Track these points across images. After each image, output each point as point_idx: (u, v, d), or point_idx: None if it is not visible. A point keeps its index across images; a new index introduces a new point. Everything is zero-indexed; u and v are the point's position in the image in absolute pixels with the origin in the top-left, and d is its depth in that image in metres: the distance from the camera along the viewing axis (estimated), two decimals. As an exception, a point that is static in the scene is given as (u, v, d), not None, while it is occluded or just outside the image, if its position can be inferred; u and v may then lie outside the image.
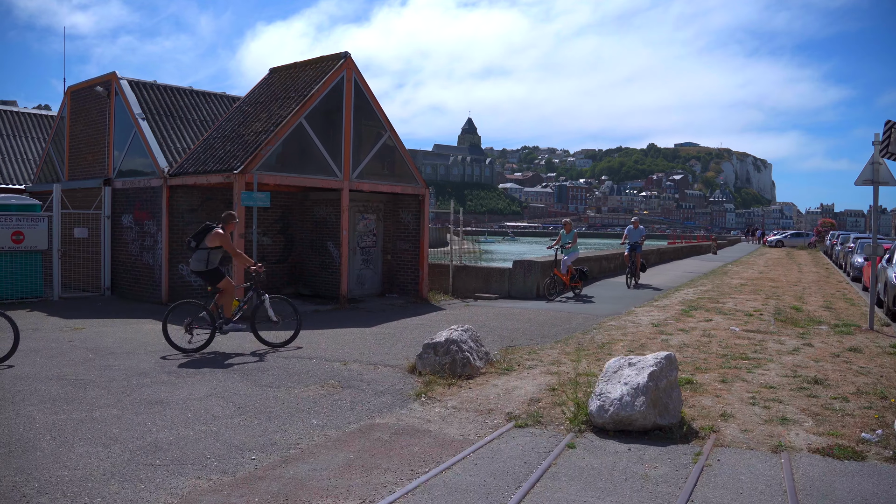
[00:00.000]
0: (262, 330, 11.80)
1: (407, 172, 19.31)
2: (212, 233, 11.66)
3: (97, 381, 9.22)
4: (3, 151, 24.79)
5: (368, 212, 19.85)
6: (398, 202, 20.16)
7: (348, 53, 17.69)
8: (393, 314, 16.12)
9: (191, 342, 11.33)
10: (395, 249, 20.04)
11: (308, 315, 15.87)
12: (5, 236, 17.10)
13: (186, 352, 11.13)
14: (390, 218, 20.28)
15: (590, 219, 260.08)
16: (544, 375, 9.45)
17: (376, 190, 18.54)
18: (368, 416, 7.66)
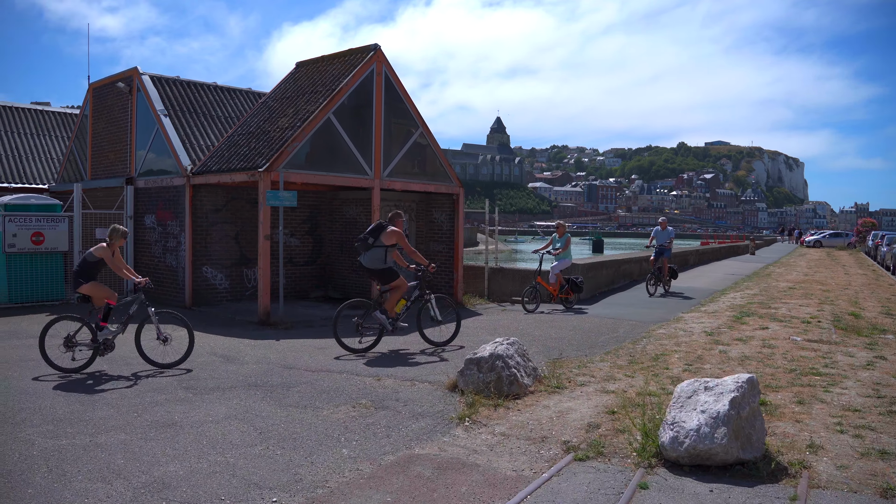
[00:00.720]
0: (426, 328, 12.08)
1: (440, 171, 18.41)
2: (387, 231, 11.74)
3: (107, 397, 8.42)
4: (28, 150, 24.22)
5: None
6: (431, 201, 19.26)
7: (378, 46, 16.83)
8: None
9: (360, 342, 11.48)
10: (428, 251, 19.14)
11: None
12: (25, 237, 16.47)
13: (357, 352, 11.29)
14: (423, 218, 19.39)
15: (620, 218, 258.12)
16: (599, 395, 8.49)
17: (408, 189, 17.65)
18: (406, 444, 6.75)
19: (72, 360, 9.97)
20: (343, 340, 11.36)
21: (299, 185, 16.78)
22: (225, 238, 17.34)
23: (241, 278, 17.67)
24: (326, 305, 17.39)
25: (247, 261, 17.72)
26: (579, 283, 17.49)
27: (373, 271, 11.81)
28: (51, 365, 9.84)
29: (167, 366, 10.19)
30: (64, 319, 10.16)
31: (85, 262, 10.39)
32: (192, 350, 10.42)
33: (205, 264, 16.94)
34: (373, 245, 11.72)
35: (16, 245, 16.39)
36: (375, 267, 11.75)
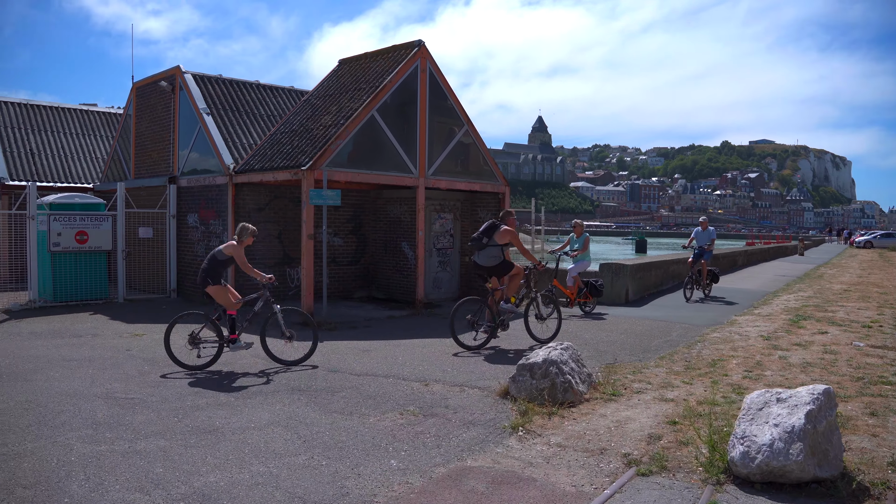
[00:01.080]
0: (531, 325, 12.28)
1: (486, 169, 18.05)
2: (501, 230, 11.79)
3: (148, 400, 8.19)
4: (74, 150, 24.29)
5: (445, 211, 18.64)
6: (476, 200, 18.90)
7: (422, 42, 16.51)
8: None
9: (475, 339, 11.64)
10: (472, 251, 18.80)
11: (382, 321, 14.78)
12: (69, 236, 16.42)
13: (471, 349, 11.37)
14: (468, 217, 19.03)
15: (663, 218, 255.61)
16: (658, 403, 8.07)
17: (453, 188, 17.31)
18: (458, 455, 6.40)
19: (197, 357, 10.10)
20: (459, 338, 11.48)
21: (343, 183, 16.53)
22: (268, 237, 17.14)
23: (283, 278, 17.46)
24: (370, 306, 17.13)
25: (290, 260, 17.51)
26: (599, 286, 16.45)
27: (489, 269, 11.87)
28: (176, 362, 9.93)
29: (292, 363, 10.30)
30: (189, 317, 10.33)
31: (214, 259, 10.36)
32: (316, 347, 10.57)
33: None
34: (487, 244, 11.80)
35: (60, 244, 16.35)
36: (491, 265, 11.82)
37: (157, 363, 10.31)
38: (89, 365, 10.16)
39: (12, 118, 23.77)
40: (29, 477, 5.81)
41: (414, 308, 16.34)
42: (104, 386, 8.88)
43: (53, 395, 8.44)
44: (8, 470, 5.96)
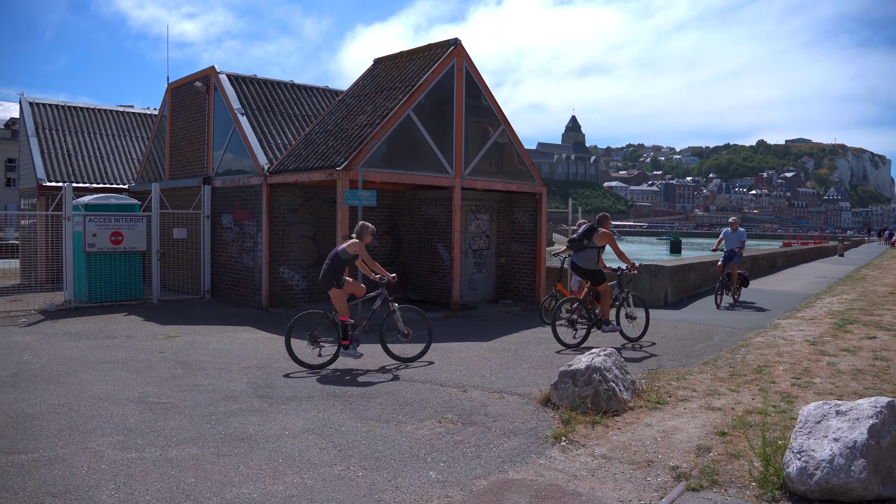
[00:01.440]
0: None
1: (522, 169, 17.76)
2: (599, 232, 12.12)
3: (180, 405, 8.03)
4: (110, 151, 24.37)
5: (481, 211, 18.37)
6: (513, 201, 18.62)
7: (458, 40, 16.27)
8: (510, 324, 14.58)
9: (575, 336, 11.87)
10: (509, 252, 18.52)
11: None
12: (104, 237, 16.41)
13: (571, 346, 11.56)
14: (504, 218, 18.76)
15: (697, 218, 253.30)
16: (705, 412, 7.75)
17: (490, 188, 17.03)
18: (498, 466, 6.14)
19: (318, 356, 10.25)
20: (559, 336, 11.72)
21: (378, 184, 16.35)
22: (302, 238, 17.00)
23: (317, 280, 17.29)
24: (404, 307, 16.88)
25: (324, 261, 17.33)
26: None
27: (587, 271, 12.22)
28: (297, 361, 10.05)
29: (409, 359, 10.60)
30: (309, 316, 10.47)
31: (338, 259, 10.54)
32: (431, 345, 10.95)
33: (282, 265, 16.63)
34: (587, 246, 12.13)
35: (95, 245, 16.33)
36: (590, 267, 12.18)
37: (189, 366, 10.17)
38: (122, 367, 10.04)
39: (50, 120, 23.89)
40: (59, 485, 5.66)
41: (449, 310, 16.10)
42: (137, 389, 8.75)
43: (86, 398, 8.32)
44: (38, 477, 5.82)
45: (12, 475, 5.87)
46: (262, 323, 14.31)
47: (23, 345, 11.81)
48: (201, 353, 11.10)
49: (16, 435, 6.92)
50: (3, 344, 11.88)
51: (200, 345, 11.87)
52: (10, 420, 7.41)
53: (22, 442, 6.71)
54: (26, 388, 8.84)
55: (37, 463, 6.14)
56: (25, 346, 11.72)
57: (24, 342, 12.05)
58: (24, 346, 11.72)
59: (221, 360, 10.65)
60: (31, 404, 8.04)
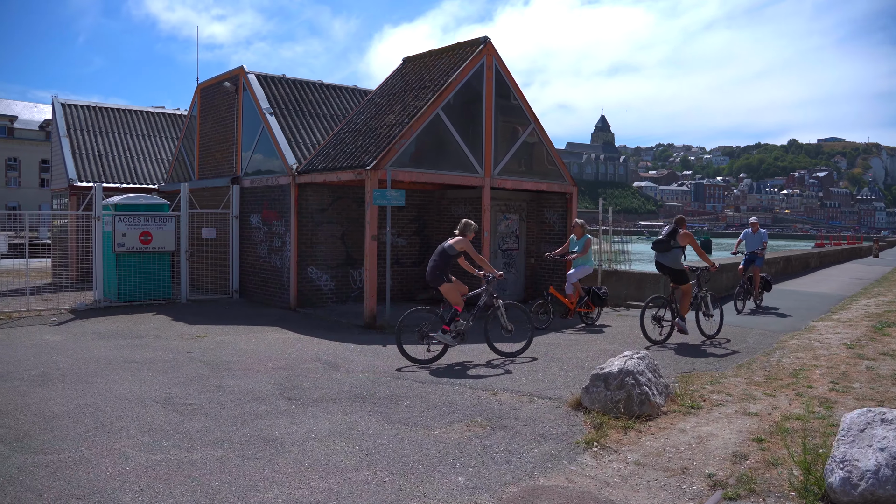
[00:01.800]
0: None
1: (552, 168, 17.56)
2: (681, 233, 12.79)
3: (206, 406, 7.95)
4: (140, 151, 24.48)
5: (510, 211, 18.20)
6: (542, 201, 18.43)
7: (488, 38, 16.12)
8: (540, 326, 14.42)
9: (661, 333, 12.46)
10: (538, 252, 18.32)
11: (444, 325, 14.42)
12: (133, 237, 16.43)
13: (657, 343, 11.99)
14: (533, 218, 18.57)
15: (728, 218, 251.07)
16: (741, 417, 7.54)
17: (519, 188, 16.85)
18: (529, 472, 5.98)
19: (427, 351, 10.63)
20: (647, 332, 12.35)
21: (407, 183, 16.24)
22: (331, 238, 16.93)
23: (346, 279, 17.23)
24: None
25: (353, 261, 17.27)
26: (602, 294, 14.98)
27: (674, 271, 12.80)
28: (407, 357, 10.38)
29: (511, 355, 11.01)
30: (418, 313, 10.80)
31: (446, 255, 10.87)
32: (532, 341, 11.48)
33: (310, 265, 16.57)
34: (672, 247, 12.74)
35: (125, 244, 16.36)
36: (676, 267, 12.78)
37: (216, 367, 10.11)
38: (149, 368, 10.00)
39: (81, 120, 24.03)
40: (83, 486, 5.59)
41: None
42: (163, 390, 8.69)
43: (112, 398, 8.27)
44: (63, 478, 5.76)
45: (38, 476, 5.82)
46: (289, 323, 14.24)
47: (52, 344, 11.83)
48: (228, 354, 11.04)
49: (42, 435, 6.87)
50: (33, 343, 11.91)
51: (228, 345, 11.81)
52: (38, 420, 7.37)
53: (48, 442, 6.66)
54: (54, 387, 8.82)
55: (62, 464, 6.08)
56: (55, 345, 11.74)
57: (54, 341, 12.07)
58: (53, 345, 11.74)
59: (248, 360, 10.57)
60: (59, 404, 8.00)
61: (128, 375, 9.49)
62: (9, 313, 15.14)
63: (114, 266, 16.40)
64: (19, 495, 5.44)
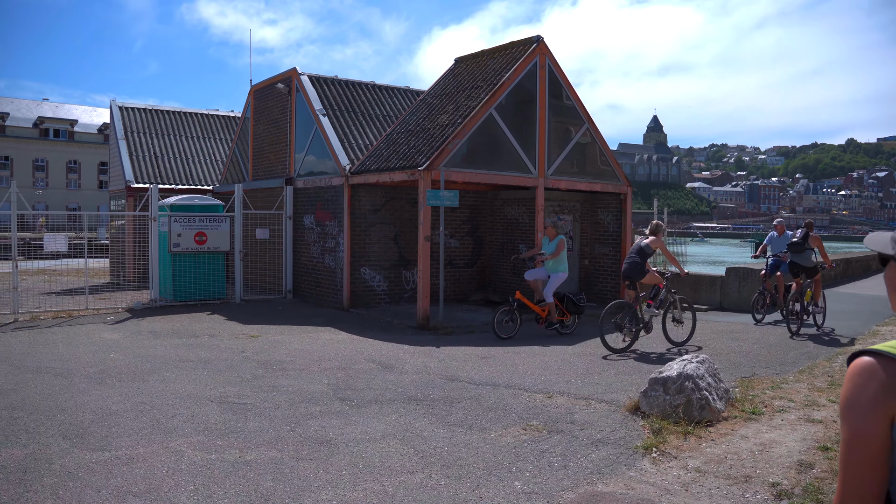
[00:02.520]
0: None
1: (607, 169, 17.35)
2: (811, 236, 14.06)
3: (261, 406, 7.95)
4: (195, 153, 24.77)
5: (564, 212, 18.01)
6: (596, 201, 18.21)
7: (541, 37, 15.97)
8: (594, 328, 14.18)
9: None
10: (592, 253, 18.13)
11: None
12: (188, 237, 16.60)
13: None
14: (587, 219, 18.37)
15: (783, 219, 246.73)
16: (804, 424, 7.30)
17: (573, 188, 16.66)
18: (586, 478, 5.85)
19: (622, 341, 11.53)
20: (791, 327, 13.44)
21: (460, 184, 16.16)
22: (384, 239, 16.92)
23: (399, 280, 17.21)
24: (486, 309, 16.66)
25: (406, 262, 17.24)
26: (579, 301, 13.54)
27: (807, 268, 14.01)
28: (607, 347, 11.27)
29: (680, 344, 12.10)
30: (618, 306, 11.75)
31: (643, 252, 12.03)
32: (695, 331, 12.53)
33: (363, 265, 16.58)
34: (806, 248, 14.00)
35: (180, 245, 16.54)
36: (809, 265, 14.03)
37: (271, 366, 10.13)
38: (205, 367, 10.05)
39: (138, 123, 24.40)
40: (140, 484, 5.61)
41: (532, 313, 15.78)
42: (218, 389, 8.71)
43: (168, 396, 8.32)
44: (120, 475, 5.79)
45: (96, 472, 5.86)
46: (343, 323, 14.25)
47: (110, 342, 11.98)
48: (282, 354, 11.06)
49: (101, 432, 6.93)
50: (92, 341, 12.07)
51: (282, 345, 11.84)
52: (96, 417, 7.44)
53: (106, 439, 6.71)
54: (112, 385, 8.91)
55: (119, 461, 6.12)
56: (112, 343, 11.88)
57: (112, 340, 12.23)
58: (111, 343, 11.89)
59: (302, 360, 10.58)
60: (116, 401, 8.07)
61: (183, 374, 9.55)
62: (69, 312, 15.40)
63: (169, 266, 16.58)
64: (79, 491, 5.49)
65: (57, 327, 13.63)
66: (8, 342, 11.95)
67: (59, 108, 77.83)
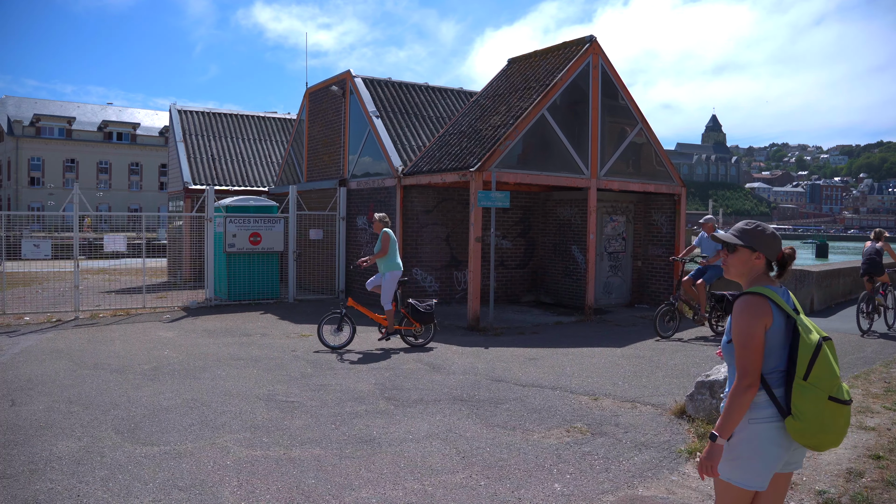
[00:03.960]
0: None
1: (660, 169, 17.13)
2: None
3: (307, 404, 8.03)
4: (251, 155, 25.12)
5: (617, 213, 17.86)
6: (649, 202, 18.01)
7: (594, 37, 15.85)
8: (645, 331, 14.03)
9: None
10: (645, 255, 17.93)
11: (549, 328, 14.23)
12: (243, 238, 16.84)
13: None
14: (640, 220, 18.17)
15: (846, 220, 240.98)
16: (856, 431, 7.12)
17: (626, 189, 16.48)
18: (628, 481, 5.79)
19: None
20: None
21: (512, 185, 16.12)
22: (436, 239, 16.96)
23: (451, 281, 17.23)
24: (537, 311, 16.60)
25: (457, 263, 17.26)
26: (426, 309, 11.67)
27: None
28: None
29: None
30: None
31: (879, 252, 14.00)
32: None
33: (415, 266, 16.63)
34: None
35: (235, 245, 16.78)
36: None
37: (320, 365, 10.22)
38: (255, 365, 10.19)
39: (197, 126, 24.83)
40: (186, 479, 5.71)
41: (583, 314, 15.69)
42: (266, 387, 8.83)
43: (218, 394, 8.45)
44: (168, 469, 5.91)
45: (145, 466, 5.99)
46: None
47: (165, 340, 12.21)
48: (331, 353, 11.15)
49: (151, 427, 7.07)
50: (147, 339, 12.32)
51: (331, 344, 11.93)
52: (148, 412, 7.60)
53: (156, 434, 6.85)
54: (164, 381, 9.09)
55: (167, 455, 6.24)
56: (167, 341, 12.11)
57: (166, 337, 12.46)
58: (165, 341, 12.12)
59: (350, 360, 10.65)
60: (168, 398, 8.23)
61: (233, 372, 9.69)
62: (127, 310, 15.74)
63: (224, 266, 16.83)
64: (127, 483, 5.62)
65: (115, 325, 13.94)
66: (69, 339, 12.26)
67: (123, 111, 79.64)
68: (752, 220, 3.66)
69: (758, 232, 3.56)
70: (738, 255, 3.58)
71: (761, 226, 3.60)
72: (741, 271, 3.59)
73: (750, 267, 3.57)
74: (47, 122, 72.69)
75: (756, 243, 3.54)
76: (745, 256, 3.56)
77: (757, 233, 3.55)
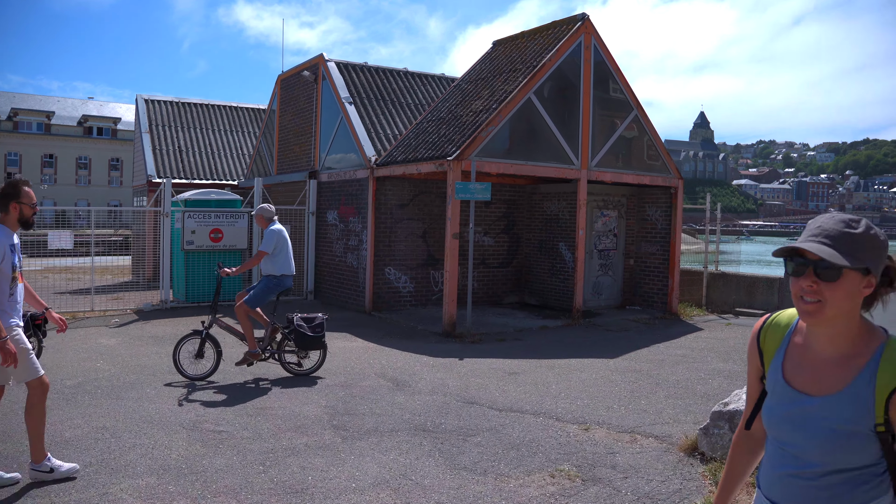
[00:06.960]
0: None
1: (657, 161, 15.72)
2: None
3: (237, 435, 6.62)
4: (220, 147, 23.67)
5: (608, 207, 16.45)
6: (644, 196, 16.61)
7: (586, 15, 14.49)
8: (639, 336, 12.67)
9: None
10: (638, 252, 16.53)
11: (534, 333, 12.85)
12: (203, 234, 15.45)
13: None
14: (633, 215, 16.77)
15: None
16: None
17: (619, 181, 15.07)
18: (632, 555, 4.41)
19: None
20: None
21: (494, 176, 14.75)
22: (411, 236, 15.55)
23: (427, 281, 15.83)
24: (521, 313, 15.21)
25: (434, 262, 15.85)
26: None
27: None
28: None
29: None
30: None
31: None
32: None
33: (388, 265, 15.23)
34: None
35: (194, 242, 15.39)
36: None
37: (267, 381, 8.81)
38: (193, 382, 8.78)
39: (162, 116, 23.37)
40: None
41: (571, 317, 14.32)
42: (196, 411, 7.41)
43: (135, 420, 7.04)
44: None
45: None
46: (361, 329, 12.91)
47: (103, 349, 10.83)
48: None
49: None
50: (84, 347, 10.94)
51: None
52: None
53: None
54: (80, 402, 7.70)
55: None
56: (105, 350, 10.73)
57: (107, 346, 11.08)
58: (104, 350, 10.73)
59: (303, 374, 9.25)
60: (75, 425, 6.87)
61: (164, 391, 8.30)
62: (74, 313, 14.31)
63: (183, 265, 15.45)
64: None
65: (52, 330, 12.49)
66: (-11, 349, 10.81)
67: (104, 106, 77.95)
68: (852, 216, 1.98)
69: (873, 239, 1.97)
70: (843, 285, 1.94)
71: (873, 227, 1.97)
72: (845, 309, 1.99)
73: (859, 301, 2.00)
74: (25, 116, 70.79)
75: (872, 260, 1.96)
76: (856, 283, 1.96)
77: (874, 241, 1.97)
